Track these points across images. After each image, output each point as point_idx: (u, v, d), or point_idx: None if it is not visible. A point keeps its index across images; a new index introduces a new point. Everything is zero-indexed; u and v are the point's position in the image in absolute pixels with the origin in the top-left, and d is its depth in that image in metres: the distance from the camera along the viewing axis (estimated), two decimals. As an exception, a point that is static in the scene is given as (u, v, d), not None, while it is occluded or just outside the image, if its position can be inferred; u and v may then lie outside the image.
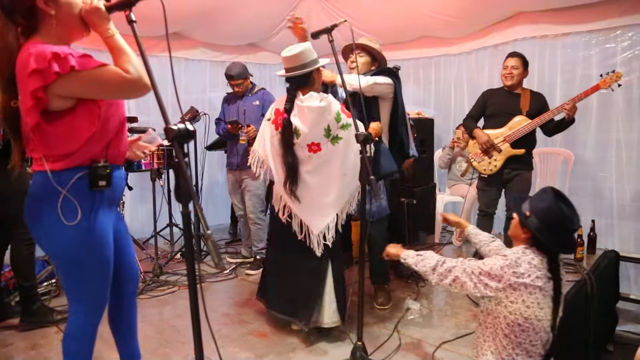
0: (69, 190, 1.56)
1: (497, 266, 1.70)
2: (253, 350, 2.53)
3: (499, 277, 1.69)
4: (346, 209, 2.55)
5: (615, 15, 4.07)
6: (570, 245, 1.83)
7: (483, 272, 1.72)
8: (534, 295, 1.65)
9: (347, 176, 2.49)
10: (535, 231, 1.70)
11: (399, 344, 2.57)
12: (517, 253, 1.73)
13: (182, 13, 4.41)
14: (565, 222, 1.70)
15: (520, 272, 1.66)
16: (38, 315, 2.84)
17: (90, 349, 1.76)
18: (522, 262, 1.68)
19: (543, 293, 1.66)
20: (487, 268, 1.72)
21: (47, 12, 1.51)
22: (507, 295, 1.68)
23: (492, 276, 1.70)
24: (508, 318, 1.69)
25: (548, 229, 1.68)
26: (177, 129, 1.29)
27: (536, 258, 1.70)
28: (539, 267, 1.68)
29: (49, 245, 1.67)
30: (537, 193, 1.80)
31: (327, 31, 2.20)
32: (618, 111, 4.18)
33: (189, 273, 1.38)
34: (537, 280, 1.65)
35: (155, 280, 3.62)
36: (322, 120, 2.44)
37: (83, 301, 1.71)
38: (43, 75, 1.41)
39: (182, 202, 1.30)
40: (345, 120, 2.46)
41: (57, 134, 1.52)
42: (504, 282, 1.68)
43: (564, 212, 1.69)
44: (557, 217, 1.69)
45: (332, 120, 2.43)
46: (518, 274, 1.66)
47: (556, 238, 1.69)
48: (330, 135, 2.45)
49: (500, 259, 1.72)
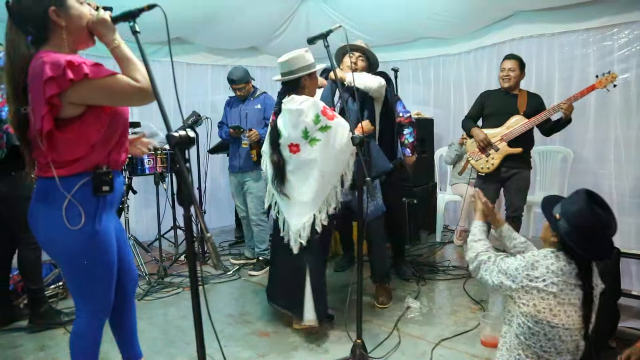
0: (74, 195, 1.61)
1: (513, 267, 1.69)
2: (255, 349, 2.59)
3: (513, 277, 1.68)
4: (324, 209, 2.59)
5: (612, 13, 4.09)
6: (603, 252, 1.66)
7: (501, 270, 1.73)
8: (547, 300, 1.60)
9: (324, 177, 2.56)
10: (565, 235, 1.62)
11: (398, 341, 2.61)
12: (537, 256, 1.69)
13: (184, 18, 4.46)
14: (598, 226, 1.60)
15: (535, 275, 1.62)
16: (46, 317, 2.90)
17: (96, 348, 1.82)
18: (539, 266, 1.64)
19: (558, 300, 1.59)
20: (505, 267, 1.72)
21: (58, 23, 1.57)
22: (520, 297, 1.66)
23: (508, 275, 1.70)
24: (519, 318, 1.67)
25: (578, 234, 1.59)
26: (178, 136, 1.34)
27: (556, 263, 1.63)
28: (558, 273, 1.61)
29: (54, 250, 1.73)
30: (570, 195, 1.71)
31: (322, 37, 2.26)
32: (616, 109, 4.20)
33: (191, 273, 1.44)
34: (552, 287, 1.60)
35: (159, 282, 3.68)
36: (299, 122, 2.54)
37: (89, 302, 1.78)
38: (58, 83, 1.47)
39: (184, 206, 1.36)
40: (325, 122, 2.51)
41: (66, 140, 1.58)
42: (517, 283, 1.66)
43: (598, 215, 1.60)
44: (589, 221, 1.59)
45: (310, 123, 2.51)
46: (532, 277, 1.63)
47: (586, 243, 1.59)
48: (309, 137, 2.53)
49: (518, 259, 1.71)
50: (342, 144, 2.52)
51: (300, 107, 2.54)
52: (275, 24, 5.33)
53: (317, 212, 2.59)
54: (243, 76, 3.90)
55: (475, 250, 1.90)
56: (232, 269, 4.03)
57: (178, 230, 4.47)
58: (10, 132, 2.70)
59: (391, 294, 3.25)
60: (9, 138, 2.70)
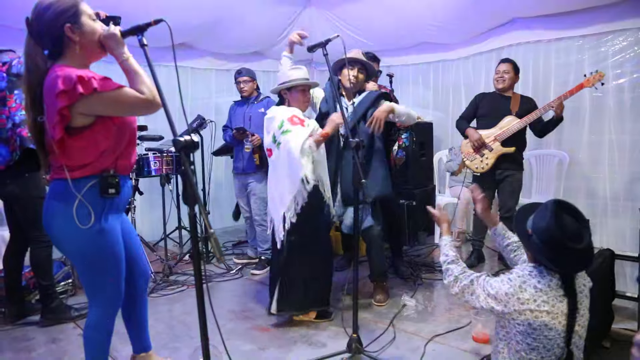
0: (83, 196, 1.75)
1: (502, 292, 1.64)
2: (256, 343, 2.71)
3: (504, 302, 1.64)
4: (292, 207, 2.75)
5: (607, 20, 4.19)
6: (577, 264, 1.62)
7: (490, 295, 1.68)
8: (541, 319, 1.58)
9: (290, 177, 2.74)
10: (537, 254, 1.61)
11: (393, 337, 2.73)
12: (523, 276, 1.64)
13: (188, 24, 4.59)
14: (569, 241, 1.55)
15: (525, 297, 1.59)
16: (57, 312, 3.03)
17: (108, 339, 1.95)
18: (527, 287, 1.61)
19: (552, 315, 1.58)
20: (494, 292, 1.67)
21: (73, 39, 1.71)
22: (514, 318, 1.65)
23: (498, 300, 1.65)
24: (517, 336, 1.67)
25: (549, 250, 1.56)
26: (183, 141, 1.46)
27: (542, 280, 1.61)
28: (546, 290, 1.59)
29: (66, 246, 1.86)
30: (540, 207, 1.65)
31: (321, 45, 2.39)
32: (610, 113, 4.29)
33: (195, 269, 1.56)
34: (544, 305, 1.57)
35: (165, 280, 3.81)
36: (270, 129, 2.82)
37: (99, 295, 1.90)
38: (69, 96, 1.60)
39: (189, 206, 1.48)
40: (287, 127, 2.73)
41: (77, 147, 1.71)
42: (509, 308, 1.63)
43: (566, 230, 1.55)
44: (560, 237, 1.55)
45: (276, 128, 2.77)
46: (522, 300, 1.59)
47: (559, 258, 1.56)
48: (276, 141, 2.78)
49: (506, 284, 1.66)
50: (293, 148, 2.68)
51: (272, 115, 2.83)
52: (278, 29, 5.45)
53: (285, 210, 2.77)
54: (250, 71, 4.16)
55: (452, 273, 1.85)
56: (234, 268, 4.15)
57: (182, 231, 4.61)
58: (23, 135, 2.84)
59: (388, 292, 3.36)
60: (22, 141, 2.84)
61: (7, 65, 2.83)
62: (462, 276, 1.83)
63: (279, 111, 2.86)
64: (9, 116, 2.85)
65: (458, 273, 1.84)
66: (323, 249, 2.97)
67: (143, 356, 2.26)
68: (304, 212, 2.78)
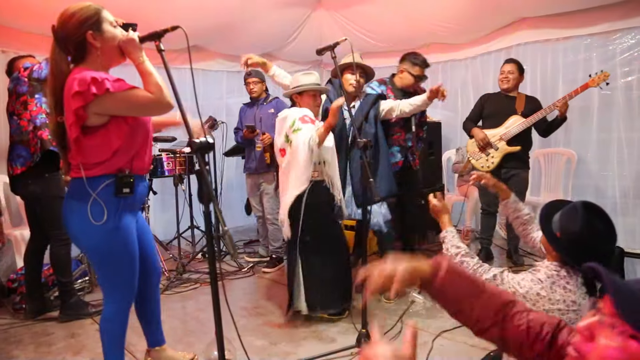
0: (98, 194, 1.83)
1: (534, 292, 1.63)
2: (267, 339, 2.78)
3: (533, 301, 1.62)
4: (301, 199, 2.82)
5: (614, 18, 4.21)
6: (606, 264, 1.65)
7: (518, 294, 1.65)
8: (567, 315, 1.58)
9: (298, 171, 2.81)
10: (567, 257, 1.60)
11: (400, 332, 2.79)
12: (552, 277, 1.63)
13: (200, 27, 4.67)
14: (600, 244, 1.55)
15: (556, 298, 1.59)
16: (75, 308, 3.13)
17: (123, 331, 2.04)
18: (557, 288, 1.61)
19: (577, 313, 1.58)
20: (523, 291, 1.65)
21: (94, 44, 1.80)
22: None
23: (527, 299, 1.63)
24: None
25: (582, 254, 1.54)
26: (199, 142, 1.54)
27: (571, 281, 1.61)
28: (574, 290, 1.59)
29: (82, 242, 1.96)
30: (568, 210, 1.63)
31: (330, 48, 2.46)
32: (619, 111, 4.31)
33: (210, 265, 1.63)
34: (572, 305, 1.58)
35: (178, 277, 3.90)
36: (282, 130, 2.90)
37: (114, 290, 1.99)
38: (84, 96, 1.70)
39: (204, 204, 1.56)
40: (298, 125, 2.80)
41: (92, 145, 1.80)
42: (537, 307, 1.61)
43: (599, 233, 1.54)
44: (591, 240, 1.54)
45: (288, 128, 2.84)
46: (553, 301, 1.59)
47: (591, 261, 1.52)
48: (289, 140, 2.85)
49: (537, 284, 1.64)
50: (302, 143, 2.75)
51: (284, 115, 2.91)
52: (288, 31, 5.53)
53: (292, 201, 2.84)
54: (259, 72, 4.16)
55: (470, 267, 1.80)
56: (246, 266, 4.23)
57: (195, 230, 4.70)
58: (44, 137, 2.94)
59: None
60: (42, 143, 2.94)
61: (29, 70, 2.93)
62: (481, 269, 1.79)
63: (291, 112, 2.94)
64: (30, 119, 2.97)
65: (477, 266, 1.80)
66: (339, 247, 3.04)
67: (157, 350, 2.35)
68: (316, 213, 2.85)
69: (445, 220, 2.02)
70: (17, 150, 3.01)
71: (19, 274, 3.42)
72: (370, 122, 3.23)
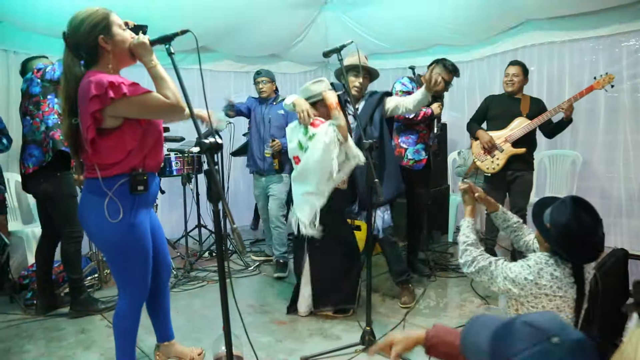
0: (114, 193, 1.89)
1: (522, 276, 1.76)
2: (273, 336, 2.83)
3: (522, 285, 1.76)
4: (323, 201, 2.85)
5: (620, 21, 4.23)
6: (592, 255, 1.77)
7: (508, 278, 1.79)
8: (554, 302, 1.71)
9: (318, 174, 2.81)
10: (556, 246, 1.73)
11: (403, 329, 2.83)
12: (540, 264, 1.76)
13: (209, 28, 4.74)
14: (586, 235, 1.69)
15: (542, 283, 1.72)
16: (85, 304, 3.20)
17: (135, 327, 2.09)
18: (545, 274, 1.72)
19: (563, 299, 1.71)
20: (513, 275, 1.78)
21: (106, 48, 1.86)
22: (529, 301, 1.76)
23: (516, 284, 1.77)
24: None
25: (569, 243, 1.69)
26: (209, 143, 1.58)
27: (558, 269, 1.73)
28: (561, 277, 1.71)
29: (99, 239, 2.01)
30: (558, 204, 1.76)
31: (336, 51, 2.50)
32: (625, 113, 4.33)
33: (219, 261, 1.68)
34: (558, 291, 1.70)
35: (186, 275, 3.96)
36: (293, 137, 2.93)
37: (129, 286, 2.04)
38: (101, 100, 1.75)
39: (213, 203, 1.60)
40: (312, 131, 2.81)
41: (107, 146, 1.86)
42: (525, 291, 1.75)
43: (585, 225, 1.68)
44: (578, 231, 1.67)
45: (301, 135, 2.87)
46: (540, 286, 1.72)
47: (576, 250, 1.70)
48: (303, 148, 2.86)
49: (525, 269, 1.77)
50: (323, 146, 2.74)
51: (295, 124, 2.96)
52: (295, 32, 5.57)
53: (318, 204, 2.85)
54: (269, 72, 4.20)
55: (471, 254, 1.95)
56: (252, 264, 4.28)
57: (202, 229, 4.76)
58: (55, 138, 3.01)
59: (414, 294, 3.34)
60: (54, 143, 3.01)
61: (42, 71, 2.99)
62: (480, 257, 1.92)
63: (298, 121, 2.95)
64: (42, 119, 3.03)
65: (477, 255, 1.94)
66: (346, 248, 3.07)
67: (166, 345, 2.40)
68: (331, 217, 2.88)
69: (468, 210, 2.12)
70: (29, 150, 3.08)
71: (30, 271, 3.50)
72: (375, 124, 3.22)
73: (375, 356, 2.47)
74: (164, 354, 2.40)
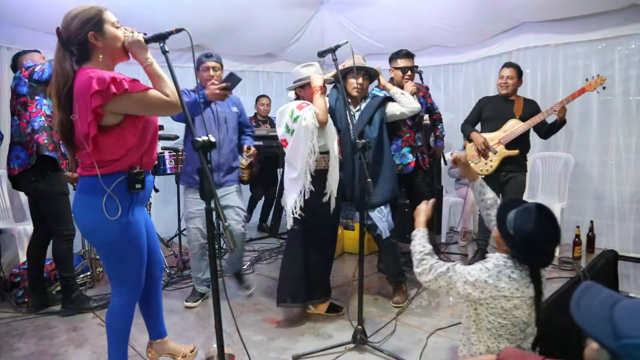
0: (113, 190, 1.89)
1: (482, 279, 1.80)
2: (266, 334, 2.83)
3: (481, 288, 1.80)
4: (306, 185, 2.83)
5: (613, 25, 4.27)
6: (548, 260, 1.87)
7: (468, 282, 1.82)
8: (512, 301, 1.77)
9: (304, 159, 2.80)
10: (517, 252, 1.79)
11: (396, 330, 2.85)
12: (499, 266, 1.81)
13: (204, 27, 4.73)
14: (547, 243, 1.77)
15: (501, 286, 1.77)
16: (77, 303, 3.18)
17: (128, 325, 2.09)
18: (503, 276, 1.78)
19: (521, 299, 1.77)
20: (472, 279, 1.82)
21: (96, 45, 1.86)
22: (488, 303, 1.82)
23: (476, 287, 1.81)
24: (489, 317, 1.84)
25: (531, 250, 1.76)
26: (202, 141, 1.59)
27: (516, 271, 1.79)
28: (518, 279, 1.77)
29: (95, 238, 2.01)
30: (522, 211, 1.81)
31: (331, 51, 2.51)
32: (617, 116, 4.37)
33: (211, 259, 1.68)
34: (516, 292, 1.76)
35: (179, 274, 3.95)
36: (282, 121, 2.90)
37: (123, 283, 2.04)
38: (103, 95, 1.75)
39: (206, 200, 1.61)
40: (297, 113, 2.80)
41: (108, 143, 1.85)
42: (485, 294, 1.79)
43: (547, 233, 1.75)
44: (540, 239, 1.74)
45: (288, 118, 2.85)
46: (499, 288, 1.77)
47: (536, 257, 1.78)
48: (290, 130, 2.84)
49: (484, 272, 1.81)
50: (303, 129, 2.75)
51: (283, 108, 2.92)
52: (290, 32, 5.58)
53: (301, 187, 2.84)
54: (219, 55, 3.35)
55: (428, 262, 1.97)
56: (245, 263, 4.28)
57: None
58: (40, 142, 2.98)
59: (407, 294, 3.34)
60: (38, 147, 2.99)
61: (30, 70, 2.95)
62: (437, 265, 1.95)
63: (289, 104, 2.94)
64: (29, 121, 3.02)
65: (434, 262, 1.97)
66: (324, 241, 3.06)
67: (159, 342, 2.40)
68: (307, 203, 2.86)
69: (422, 221, 2.17)
70: (15, 152, 3.06)
71: (21, 269, 3.48)
72: (375, 125, 3.23)
73: (366, 354, 2.53)
74: (157, 351, 2.40)
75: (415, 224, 2.18)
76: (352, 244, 4.61)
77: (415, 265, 2.02)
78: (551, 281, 3.59)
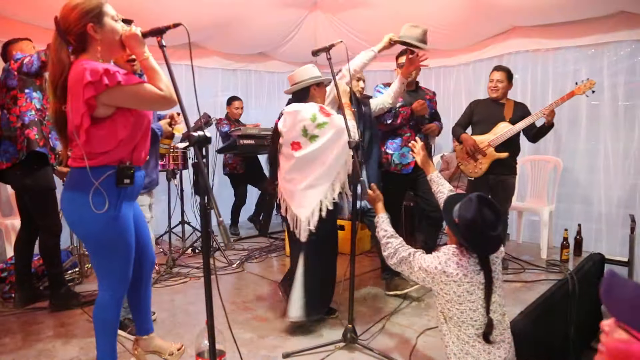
0: (100, 184, 1.87)
1: (432, 266, 1.97)
2: (256, 332, 2.83)
3: (432, 274, 1.97)
4: (329, 195, 2.73)
5: (603, 31, 4.33)
6: (493, 247, 1.97)
7: (422, 268, 2.01)
8: (463, 286, 1.90)
9: (325, 166, 2.72)
10: (462, 239, 1.93)
11: (382, 327, 2.88)
12: (448, 254, 1.97)
13: (198, 24, 4.72)
14: (487, 230, 1.89)
15: (450, 271, 1.91)
16: (65, 299, 3.15)
17: (116, 319, 2.08)
18: (451, 263, 1.93)
19: (471, 283, 1.90)
20: (425, 265, 2.00)
21: (94, 37, 1.85)
22: (441, 288, 1.96)
23: (428, 272, 1.99)
24: (447, 304, 1.97)
25: (473, 237, 1.90)
26: (197, 136, 1.59)
27: (464, 258, 1.93)
28: (466, 266, 1.91)
29: (82, 231, 1.99)
30: (465, 201, 1.95)
31: (325, 50, 2.52)
32: (605, 122, 4.44)
33: (204, 255, 1.68)
34: (464, 278, 1.89)
35: (168, 272, 3.93)
36: (297, 122, 2.72)
37: (109, 278, 2.03)
38: (95, 87, 1.74)
39: (200, 195, 1.61)
40: (322, 119, 2.70)
41: (99, 135, 1.85)
42: (436, 280, 1.97)
43: (487, 220, 1.88)
44: (480, 226, 1.87)
45: (308, 121, 2.70)
46: (448, 273, 1.92)
47: (480, 243, 1.91)
48: (308, 134, 2.72)
49: (435, 260, 1.98)
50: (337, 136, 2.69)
51: (298, 108, 2.76)
52: (284, 32, 5.59)
53: (323, 197, 2.73)
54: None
55: (392, 245, 2.18)
56: (235, 262, 4.27)
57: (185, 225, 4.73)
58: (30, 137, 2.95)
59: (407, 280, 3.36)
60: (29, 143, 2.95)
61: (19, 63, 2.90)
62: (401, 249, 2.14)
63: (304, 106, 2.78)
64: (19, 115, 2.97)
65: (397, 246, 2.16)
66: (335, 248, 3.02)
67: (145, 338, 2.38)
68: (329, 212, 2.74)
69: (379, 207, 2.38)
70: (3, 146, 3.02)
71: (8, 264, 3.44)
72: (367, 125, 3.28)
73: (356, 353, 2.54)
74: (143, 347, 2.38)
75: (375, 211, 2.36)
76: (343, 244, 4.61)
77: (383, 250, 2.20)
78: (539, 283, 3.63)
